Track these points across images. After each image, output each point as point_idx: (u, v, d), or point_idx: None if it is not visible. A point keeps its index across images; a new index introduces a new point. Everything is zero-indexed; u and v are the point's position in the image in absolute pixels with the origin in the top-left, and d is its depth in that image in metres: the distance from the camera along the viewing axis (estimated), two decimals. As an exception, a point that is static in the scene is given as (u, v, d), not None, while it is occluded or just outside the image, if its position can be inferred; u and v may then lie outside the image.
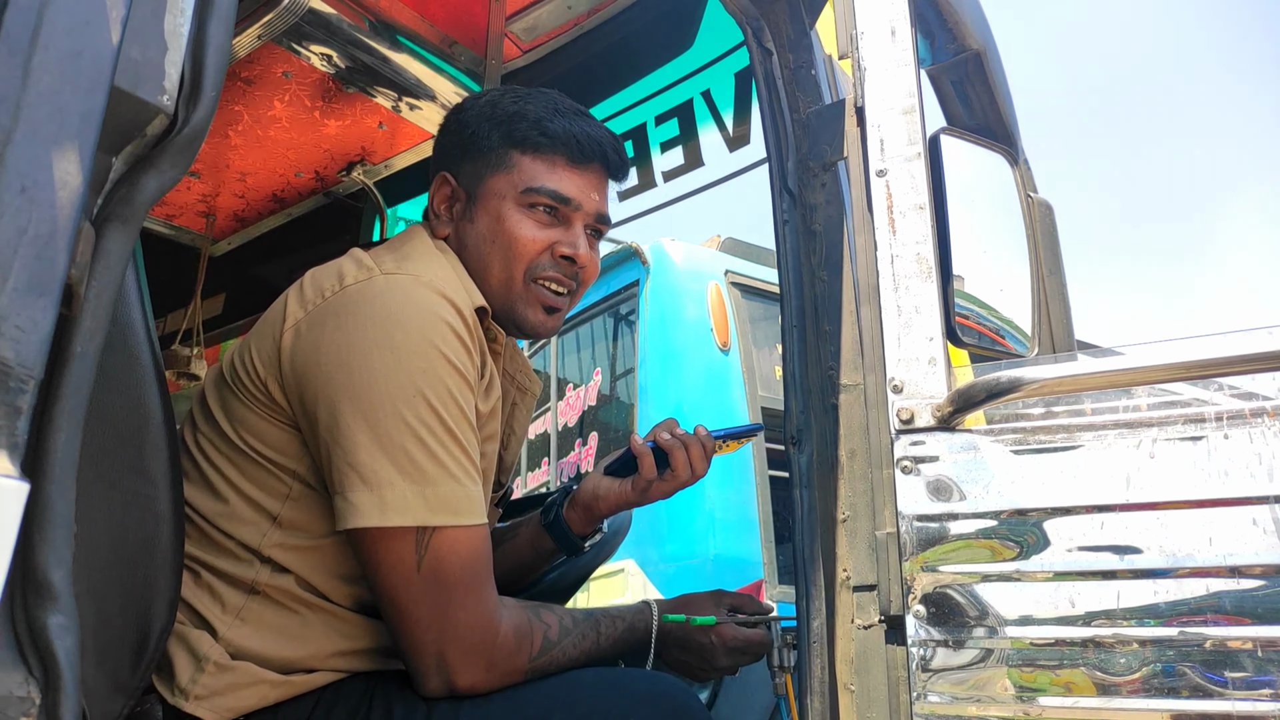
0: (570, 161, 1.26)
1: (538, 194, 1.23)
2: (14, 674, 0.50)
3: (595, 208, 1.28)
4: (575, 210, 1.26)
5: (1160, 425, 0.97)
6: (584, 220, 1.27)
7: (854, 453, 1.18)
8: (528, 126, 1.25)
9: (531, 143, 1.25)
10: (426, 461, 1.01)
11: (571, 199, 1.25)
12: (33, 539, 0.51)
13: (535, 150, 1.25)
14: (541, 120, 1.25)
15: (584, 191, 1.27)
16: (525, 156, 1.25)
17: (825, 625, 1.15)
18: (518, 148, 1.25)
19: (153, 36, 0.60)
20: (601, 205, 1.30)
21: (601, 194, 1.30)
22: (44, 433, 0.52)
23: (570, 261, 1.26)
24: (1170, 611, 0.92)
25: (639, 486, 1.36)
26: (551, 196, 1.24)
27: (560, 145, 1.25)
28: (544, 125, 1.25)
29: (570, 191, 1.25)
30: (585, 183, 1.27)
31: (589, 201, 1.27)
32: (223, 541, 1.08)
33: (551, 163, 1.25)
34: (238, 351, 1.14)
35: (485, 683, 1.05)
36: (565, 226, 1.26)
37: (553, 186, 1.24)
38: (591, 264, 1.29)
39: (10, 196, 0.47)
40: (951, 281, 1.14)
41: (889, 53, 1.19)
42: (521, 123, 1.25)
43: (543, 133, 1.24)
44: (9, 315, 0.47)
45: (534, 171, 1.24)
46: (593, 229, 1.30)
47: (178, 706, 1.00)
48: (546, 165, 1.25)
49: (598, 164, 1.29)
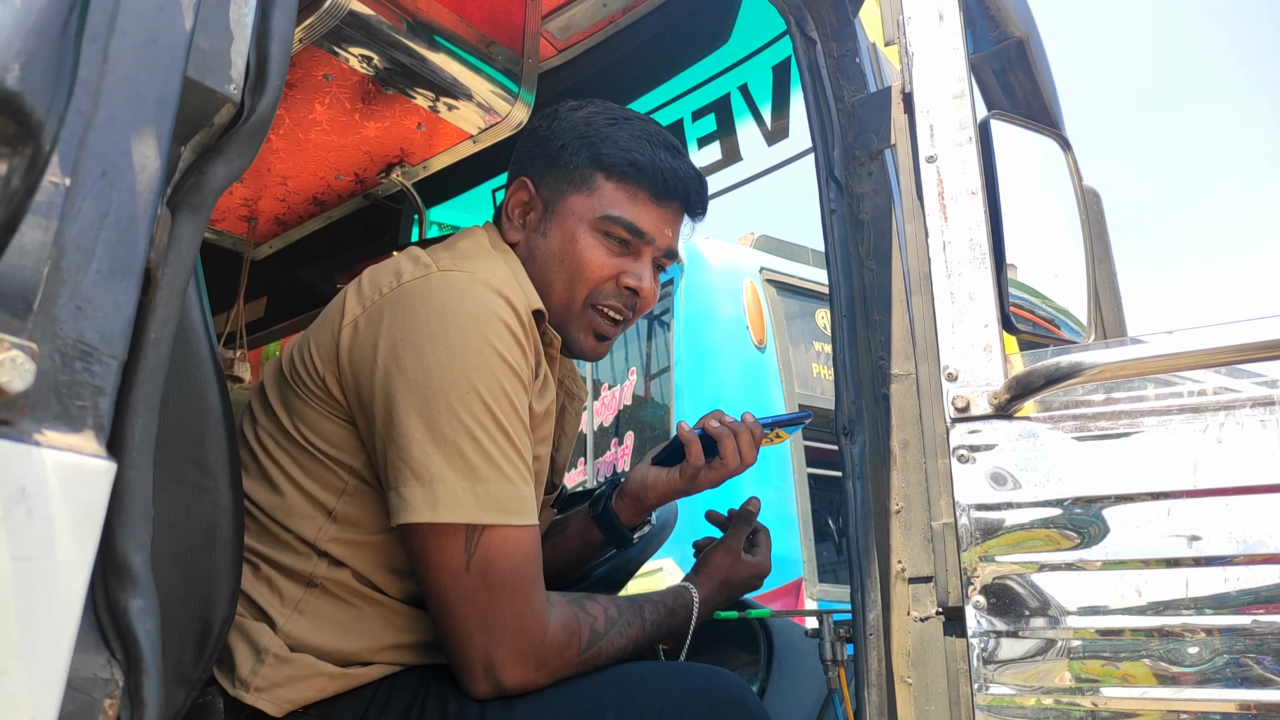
0: (653, 196, 1.26)
1: (615, 223, 1.24)
2: (97, 657, 0.51)
3: (667, 243, 1.29)
4: (648, 244, 1.27)
5: (1227, 409, 0.95)
6: (653, 254, 1.28)
7: (907, 443, 1.17)
8: (618, 153, 1.25)
9: (618, 170, 1.24)
10: (479, 459, 1.01)
11: (646, 233, 1.25)
12: (113, 522, 0.52)
13: (620, 178, 1.25)
14: (632, 150, 1.25)
15: (659, 227, 1.27)
16: (609, 182, 1.25)
17: (881, 618, 1.13)
18: (603, 172, 1.25)
19: (219, 26, 0.60)
20: (674, 241, 1.30)
21: (676, 230, 1.31)
22: (123, 416, 0.52)
23: (633, 293, 1.27)
24: (1242, 600, 0.90)
25: (687, 475, 1.36)
26: (628, 229, 1.24)
27: (645, 178, 1.25)
28: (633, 155, 1.25)
29: (647, 226, 1.25)
30: (663, 218, 1.27)
31: (663, 237, 1.28)
32: (281, 535, 1.08)
33: (634, 194, 1.25)
34: (297, 347, 1.15)
35: (535, 682, 1.04)
36: (634, 258, 1.27)
37: (630, 219, 1.24)
38: (651, 298, 1.29)
39: (91, 180, 0.47)
40: (1005, 267, 1.13)
41: (937, 37, 1.18)
42: (612, 147, 1.25)
43: (631, 163, 1.24)
44: (93, 298, 0.48)
45: (615, 199, 1.24)
46: (658, 262, 1.31)
47: (238, 698, 1.01)
48: (628, 195, 1.25)
49: (678, 202, 1.29)
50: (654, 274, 1.30)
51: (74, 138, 0.47)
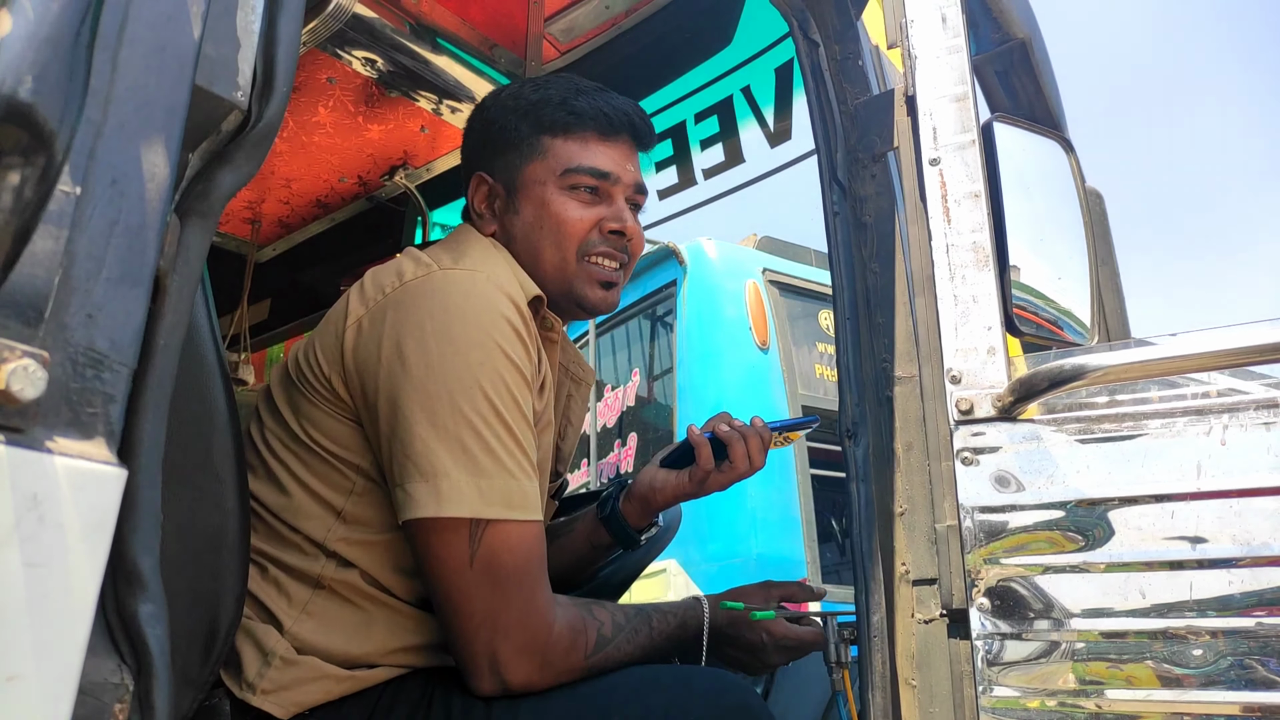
0: (601, 136, 1.28)
1: (577, 173, 1.26)
2: (108, 661, 0.51)
3: (632, 178, 1.31)
4: (615, 184, 1.28)
5: (1231, 411, 0.95)
6: (624, 192, 1.30)
7: (911, 445, 1.17)
8: (553, 110, 1.27)
9: (561, 125, 1.27)
10: (482, 454, 1.02)
11: (610, 173, 1.27)
12: (123, 527, 0.52)
13: (565, 131, 1.27)
14: (566, 101, 1.28)
15: (619, 164, 1.29)
16: (557, 140, 1.27)
17: (885, 620, 1.13)
18: (548, 132, 1.27)
19: (226, 33, 0.60)
20: (637, 175, 1.32)
21: (635, 164, 1.33)
22: (133, 423, 0.52)
23: (619, 235, 1.28)
24: (1246, 602, 0.90)
25: (696, 478, 1.36)
26: (590, 174, 1.26)
27: (589, 122, 1.27)
28: (570, 105, 1.27)
29: (607, 166, 1.27)
30: (619, 154, 1.30)
31: (625, 173, 1.30)
32: (289, 536, 1.09)
33: (583, 140, 1.27)
34: (302, 350, 1.16)
35: (540, 681, 1.04)
36: (608, 202, 1.28)
37: (590, 164, 1.26)
38: (638, 236, 1.32)
39: (102, 189, 0.48)
40: (1008, 270, 1.13)
41: (940, 40, 1.18)
42: (547, 108, 1.28)
43: (570, 112, 1.27)
44: (104, 305, 0.48)
45: (568, 152, 1.27)
46: (632, 201, 1.32)
47: (245, 700, 1.01)
48: (579, 144, 1.27)
49: (626, 135, 1.31)
50: (633, 214, 1.32)
51: (85, 147, 0.48)
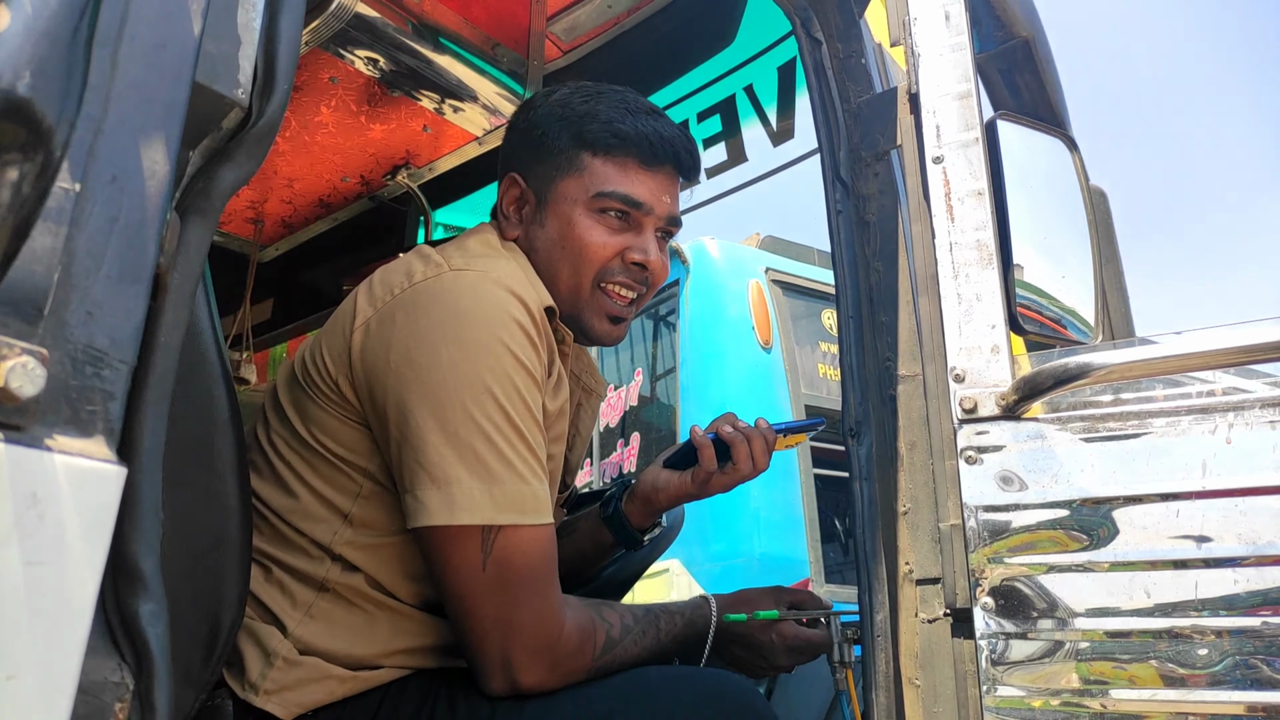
0: (642, 163, 1.23)
1: (609, 199, 1.21)
2: (108, 661, 0.51)
3: (666, 210, 1.26)
4: (647, 214, 1.24)
5: (1236, 410, 0.94)
6: (655, 224, 1.25)
7: (914, 444, 1.16)
8: (599, 128, 1.22)
9: (603, 144, 1.22)
10: (494, 460, 1.01)
11: (643, 203, 1.23)
12: (123, 526, 0.52)
13: (607, 152, 1.22)
14: (613, 121, 1.22)
15: (655, 195, 1.24)
16: (596, 159, 1.22)
17: (888, 620, 1.13)
18: (588, 149, 1.22)
19: (227, 30, 0.60)
20: (673, 208, 1.27)
21: (673, 195, 1.28)
22: (133, 421, 0.52)
23: (641, 267, 1.24)
24: (1251, 601, 0.89)
25: (699, 479, 1.35)
26: (623, 201, 1.22)
27: (632, 146, 1.22)
28: (615, 126, 1.22)
29: (642, 195, 1.23)
30: (657, 185, 1.24)
31: (660, 205, 1.24)
32: (294, 538, 1.08)
33: (623, 165, 1.22)
34: (309, 350, 1.15)
35: (549, 682, 1.04)
36: (636, 231, 1.24)
37: (624, 191, 1.22)
38: (661, 268, 1.27)
39: (101, 185, 0.48)
40: (1012, 268, 1.12)
41: (943, 37, 1.18)
42: (592, 123, 1.23)
43: (614, 134, 1.22)
44: (103, 303, 0.48)
45: (605, 174, 1.22)
46: (663, 231, 1.28)
47: (248, 701, 1.01)
48: (618, 168, 1.22)
49: (669, 164, 1.26)
50: (660, 245, 1.27)
51: (84, 143, 0.47)
